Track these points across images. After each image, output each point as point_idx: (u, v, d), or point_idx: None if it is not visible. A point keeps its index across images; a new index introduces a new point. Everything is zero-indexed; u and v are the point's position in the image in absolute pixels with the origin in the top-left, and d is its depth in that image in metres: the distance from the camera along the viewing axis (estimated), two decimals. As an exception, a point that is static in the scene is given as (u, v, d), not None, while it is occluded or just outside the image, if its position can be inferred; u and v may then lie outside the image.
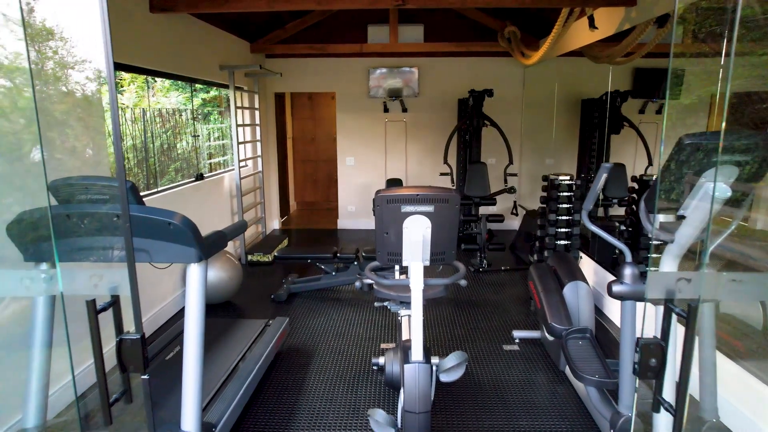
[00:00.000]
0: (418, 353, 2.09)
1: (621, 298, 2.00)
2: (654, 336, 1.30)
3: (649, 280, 1.30)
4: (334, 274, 4.40)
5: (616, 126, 4.80)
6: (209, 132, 6.55)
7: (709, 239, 1.76)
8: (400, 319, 2.86)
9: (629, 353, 2.12)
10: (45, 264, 1.75)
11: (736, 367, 2.42)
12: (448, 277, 2.29)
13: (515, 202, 6.14)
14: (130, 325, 1.33)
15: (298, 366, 3.14)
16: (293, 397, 2.78)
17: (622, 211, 4.40)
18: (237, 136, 5.16)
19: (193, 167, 5.73)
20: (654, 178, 3.81)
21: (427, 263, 2.20)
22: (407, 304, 2.55)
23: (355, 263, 4.33)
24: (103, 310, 1.26)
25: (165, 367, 2.66)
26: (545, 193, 4.18)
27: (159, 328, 3.70)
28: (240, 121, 5.48)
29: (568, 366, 2.62)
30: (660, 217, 2.00)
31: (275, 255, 4.63)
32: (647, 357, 1.27)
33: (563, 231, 4.10)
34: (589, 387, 2.45)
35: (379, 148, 6.86)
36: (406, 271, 2.25)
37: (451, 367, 2.10)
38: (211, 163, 6.07)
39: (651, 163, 4.55)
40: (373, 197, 2.15)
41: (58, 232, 1.62)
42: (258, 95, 6.06)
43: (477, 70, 6.51)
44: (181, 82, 5.65)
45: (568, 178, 4.05)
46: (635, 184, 4.15)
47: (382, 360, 2.49)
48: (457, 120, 6.56)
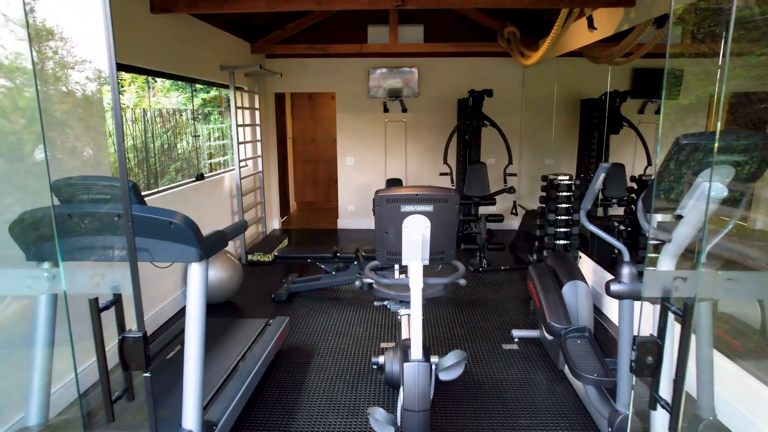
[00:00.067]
0: (417, 352, 2.10)
1: (619, 297, 2.02)
2: (651, 334, 1.31)
3: (646, 279, 1.31)
4: (334, 273, 4.41)
5: (616, 126, 4.82)
6: (209, 132, 6.56)
7: (707, 239, 1.78)
8: (399, 318, 2.87)
9: (627, 352, 2.14)
10: (47, 263, 1.76)
11: (733, 366, 2.43)
12: (448, 277, 2.30)
13: (515, 202, 6.15)
14: (132, 324, 1.34)
15: (299, 365, 3.15)
16: (293, 396, 2.80)
17: (621, 211, 4.41)
18: (237, 136, 5.17)
19: (194, 167, 5.74)
20: (652, 178, 3.82)
21: (426, 262, 2.21)
22: (407, 303, 2.57)
23: (355, 263, 4.34)
24: (105, 309, 1.27)
25: (166, 366, 2.67)
26: (544, 193, 4.19)
27: (160, 327, 3.71)
28: (240, 121, 5.49)
29: (566, 365, 2.63)
30: (658, 216, 2.01)
31: (275, 255, 4.65)
32: (644, 355, 1.28)
33: (562, 231, 4.11)
34: (587, 386, 2.47)
35: (379, 148, 6.88)
36: (406, 271, 2.27)
37: (450, 365, 2.11)
38: (211, 163, 6.08)
39: (650, 163, 4.56)
40: (373, 197, 2.16)
41: (60, 231, 1.63)
42: (258, 95, 6.07)
43: (477, 71, 6.52)
44: (181, 83, 5.65)
45: (567, 178, 4.06)
46: (634, 184, 4.16)
47: (381, 359, 2.50)
48: (456, 120, 6.58)
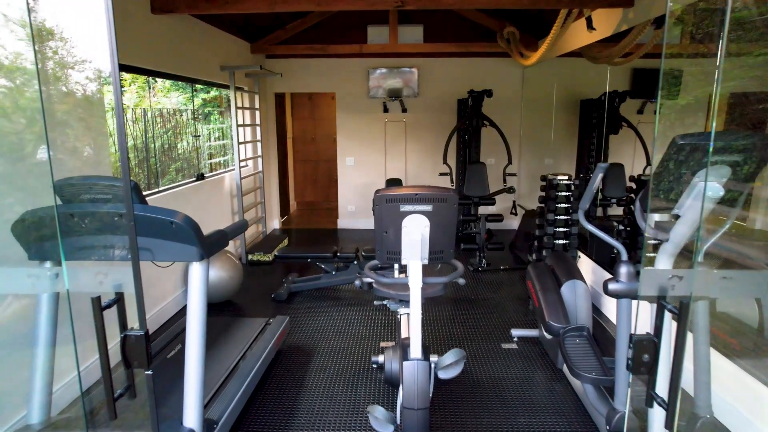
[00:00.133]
0: (416, 350, 2.11)
1: (617, 296, 2.03)
2: (647, 332, 1.32)
3: (643, 278, 1.32)
4: (334, 273, 4.42)
5: (615, 126, 4.83)
6: (210, 132, 6.57)
7: (705, 238, 1.79)
8: (399, 317, 2.88)
9: (625, 350, 2.15)
10: (49, 262, 1.78)
11: (731, 365, 2.45)
12: (447, 276, 2.31)
13: (514, 201, 6.16)
14: (134, 322, 1.35)
15: (299, 364, 3.17)
16: (293, 395, 2.81)
17: (621, 210, 4.42)
18: (237, 136, 5.19)
19: (194, 167, 5.75)
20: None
21: (425, 262, 2.23)
22: (406, 302, 2.58)
23: (355, 262, 4.35)
24: (107, 307, 1.29)
25: (167, 365, 2.68)
26: (544, 193, 4.21)
27: (160, 327, 3.72)
28: (240, 122, 5.51)
29: (565, 364, 2.65)
30: (656, 216, 2.03)
31: (275, 254, 4.66)
32: (640, 353, 1.29)
33: (561, 230, 4.12)
34: (585, 384, 2.48)
35: (379, 148, 6.89)
36: (405, 270, 2.28)
37: (449, 364, 2.12)
38: (211, 163, 6.10)
39: (649, 163, 4.58)
40: (373, 197, 2.17)
41: (62, 231, 1.64)
42: (258, 95, 6.09)
43: (476, 71, 6.53)
44: (181, 83, 5.67)
45: (567, 178, 4.08)
46: (633, 184, 4.18)
47: (381, 358, 2.52)
48: (456, 120, 6.59)
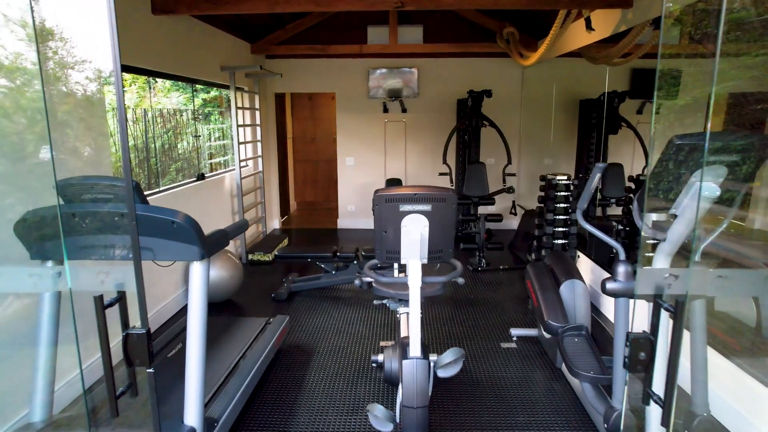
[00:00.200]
0: (416, 349, 2.12)
1: (614, 295, 2.04)
2: (644, 331, 1.34)
3: (639, 277, 1.34)
4: (334, 273, 4.44)
5: (614, 126, 4.85)
6: (210, 132, 6.58)
7: (703, 238, 1.80)
8: (398, 316, 2.90)
9: (622, 349, 2.16)
10: (50, 262, 1.79)
11: (728, 363, 2.46)
12: (446, 275, 2.33)
13: (514, 201, 6.18)
14: (135, 321, 1.37)
15: (299, 363, 3.18)
16: (294, 394, 2.82)
17: (620, 210, 4.44)
18: (237, 137, 5.20)
19: (194, 167, 5.77)
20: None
21: (425, 261, 2.24)
22: (406, 301, 2.59)
23: (355, 262, 4.37)
24: (110, 306, 1.30)
25: (167, 364, 2.70)
26: (543, 193, 4.22)
27: (161, 326, 3.74)
28: (240, 122, 5.52)
29: (564, 363, 2.66)
30: (653, 216, 2.04)
31: (275, 254, 4.67)
32: (637, 351, 1.31)
33: (561, 230, 4.14)
34: (584, 383, 2.49)
35: (379, 148, 6.90)
36: (405, 269, 2.29)
37: (448, 362, 2.14)
38: (211, 163, 6.11)
39: (648, 163, 4.59)
40: (372, 197, 2.19)
41: (65, 230, 1.66)
42: (258, 96, 6.10)
43: (476, 71, 6.55)
44: (181, 83, 5.68)
45: (566, 177, 4.09)
46: (632, 184, 4.19)
47: (381, 357, 2.53)
48: (456, 120, 6.60)
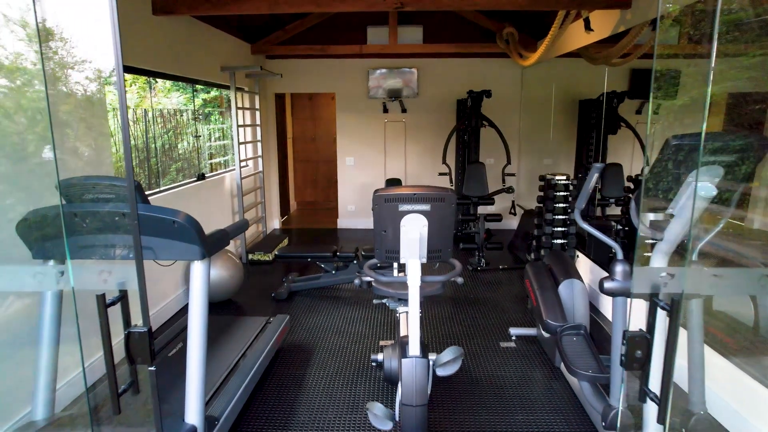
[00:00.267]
0: (415, 348, 2.14)
1: (612, 294, 2.06)
2: (640, 329, 1.35)
3: (635, 276, 1.35)
4: (334, 272, 4.45)
5: (613, 126, 4.86)
6: (210, 132, 6.60)
7: (700, 237, 1.82)
8: (398, 315, 2.91)
9: (620, 347, 2.17)
10: (52, 261, 1.81)
11: (725, 362, 2.48)
12: (445, 274, 2.34)
13: (513, 201, 6.19)
14: (137, 320, 1.38)
15: (299, 362, 3.20)
16: (294, 393, 2.84)
17: (619, 210, 4.45)
18: (238, 137, 5.22)
19: (195, 167, 5.78)
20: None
21: (424, 260, 2.25)
22: (405, 300, 2.61)
23: (355, 262, 4.38)
24: (112, 304, 1.31)
25: (168, 363, 2.71)
26: (542, 193, 4.24)
27: (162, 325, 3.75)
28: (241, 122, 5.53)
29: (562, 362, 2.67)
30: (651, 215, 2.05)
31: (276, 254, 4.69)
32: (633, 349, 1.32)
33: (560, 230, 4.15)
34: (582, 381, 2.50)
35: (379, 148, 6.92)
36: (404, 269, 2.31)
37: (447, 361, 2.15)
38: (212, 163, 6.12)
39: (648, 163, 4.60)
40: (372, 197, 2.20)
41: (67, 230, 1.67)
42: (258, 96, 6.11)
43: (475, 71, 6.56)
44: (182, 83, 5.70)
45: (565, 177, 4.11)
46: (631, 184, 4.21)
47: (380, 356, 2.54)
48: (455, 120, 6.62)
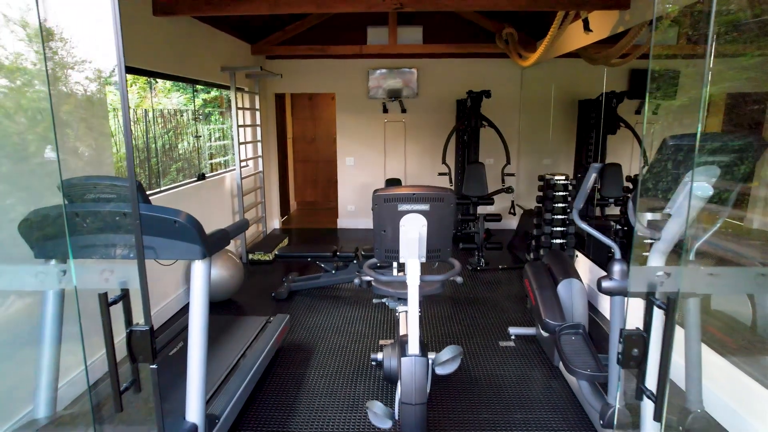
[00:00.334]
0: (414, 347, 2.15)
1: (610, 293, 2.07)
2: (637, 327, 1.36)
3: (632, 275, 1.36)
4: (334, 272, 4.46)
5: (612, 126, 4.87)
6: (210, 132, 6.61)
7: (697, 236, 1.83)
8: (397, 315, 2.92)
9: (617, 346, 2.19)
10: (54, 260, 1.82)
11: (722, 360, 2.49)
12: (444, 274, 2.35)
13: (513, 201, 6.20)
14: (138, 318, 1.39)
15: (299, 361, 3.21)
16: (294, 391, 2.85)
17: (618, 210, 4.46)
18: (238, 137, 5.23)
19: (195, 167, 5.79)
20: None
21: (423, 260, 2.26)
22: (405, 300, 2.62)
23: (355, 261, 4.39)
24: (114, 303, 1.33)
25: (169, 362, 2.72)
26: (541, 193, 4.25)
27: (162, 324, 3.76)
28: (241, 122, 5.55)
29: (561, 361, 2.69)
30: (648, 215, 2.07)
31: (276, 254, 4.70)
32: (630, 347, 1.34)
33: (559, 230, 4.17)
34: (580, 380, 2.52)
35: (379, 148, 6.93)
36: (404, 268, 2.32)
37: (446, 360, 2.16)
38: (212, 163, 6.13)
39: (647, 163, 4.61)
40: (372, 196, 2.21)
41: (69, 229, 1.68)
42: (258, 96, 6.13)
43: (475, 71, 6.57)
44: (182, 83, 5.71)
45: (564, 177, 4.12)
46: (630, 184, 4.22)
47: (380, 356, 2.56)
48: (455, 120, 6.63)
